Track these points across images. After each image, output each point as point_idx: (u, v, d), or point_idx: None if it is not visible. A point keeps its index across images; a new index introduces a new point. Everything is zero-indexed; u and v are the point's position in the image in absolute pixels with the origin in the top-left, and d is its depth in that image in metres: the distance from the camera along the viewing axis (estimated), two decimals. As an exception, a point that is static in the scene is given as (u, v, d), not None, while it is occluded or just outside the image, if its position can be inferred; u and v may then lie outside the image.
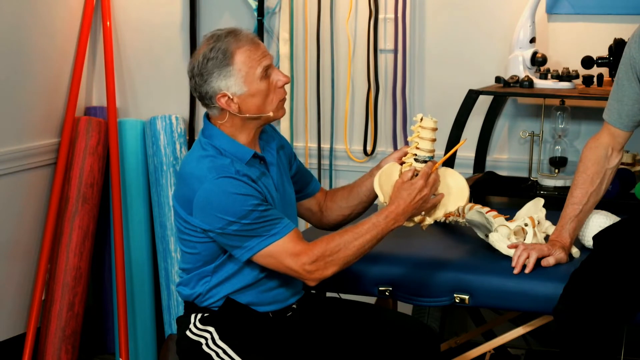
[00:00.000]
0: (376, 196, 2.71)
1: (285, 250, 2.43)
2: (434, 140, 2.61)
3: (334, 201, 2.78)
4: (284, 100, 2.54)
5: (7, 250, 3.72)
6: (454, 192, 2.68)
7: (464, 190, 2.69)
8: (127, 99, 4.11)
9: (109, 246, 4.01)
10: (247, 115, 2.49)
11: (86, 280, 3.88)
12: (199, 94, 2.50)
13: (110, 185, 3.92)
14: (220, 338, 2.48)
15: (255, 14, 3.81)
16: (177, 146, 3.88)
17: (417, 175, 2.57)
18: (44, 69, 3.80)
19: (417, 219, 2.63)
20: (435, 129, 2.61)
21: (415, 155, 2.61)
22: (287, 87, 3.79)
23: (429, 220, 2.65)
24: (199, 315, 2.54)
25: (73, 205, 3.82)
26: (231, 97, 2.47)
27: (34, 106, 3.77)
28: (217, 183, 2.41)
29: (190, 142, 4.01)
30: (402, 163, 2.65)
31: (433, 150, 2.62)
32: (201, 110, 4.01)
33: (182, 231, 2.52)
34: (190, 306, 2.57)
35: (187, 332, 2.53)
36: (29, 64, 3.74)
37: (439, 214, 2.67)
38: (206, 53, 2.46)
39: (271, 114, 2.51)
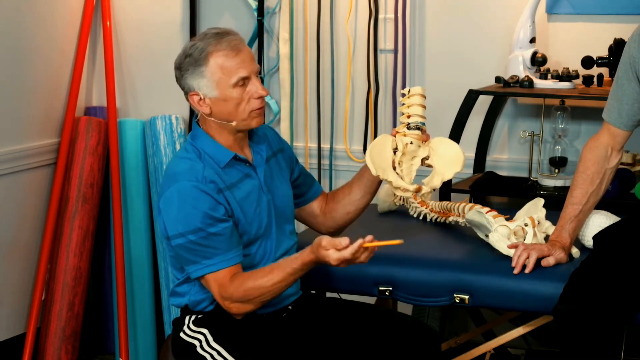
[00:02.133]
0: (377, 187, 2.70)
1: (215, 280, 2.44)
2: (423, 106, 2.58)
3: (336, 201, 2.77)
4: (259, 110, 2.51)
5: (7, 250, 3.72)
6: (448, 159, 2.64)
7: (459, 156, 2.64)
8: (127, 99, 4.11)
9: (109, 246, 4.01)
10: (216, 119, 2.49)
11: (86, 280, 3.88)
12: (180, 87, 2.53)
13: (110, 185, 3.92)
14: (215, 340, 2.48)
15: (255, 14, 3.81)
16: (177, 146, 3.88)
17: (411, 143, 2.54)
18: (44, 69, 3.80)
19: (412, 187, 2.57)
20: (423, 96, 2.58)
21: (408, 124, 2.57)
22: (286, 91, 3.80)
23: (425, 189, 2.59)
24: (193, 317, 2.54)
25: (73, 205, 3.82)
26: (202, 97, 2.47)
27: (34, 106, 3.77)
28: (181, 188, 2.42)
29: (190, 142, 4.01)
30: (396, 134, 2.62)
31: (424, 117, 2.58)
32: (201, 110, 4.02)
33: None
34: (185, 310, 2.57)
35: (181, 334, 2.53)
36: (29, 63, 3.74)
37: (436, 183, 2.62)
38: (187, 49, 2.48)
39: (234, 123, 2.49)
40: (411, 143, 2.54)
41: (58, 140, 3.88)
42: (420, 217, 3.10)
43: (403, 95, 2.64)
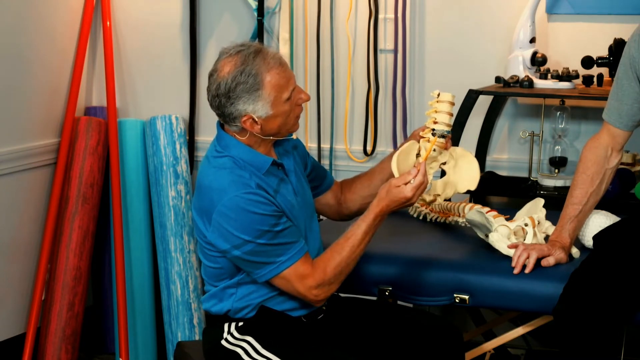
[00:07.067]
0: None
1: (294, 274, 2.43)
2: (451, 114, 2.62)
3: (353, 192, 2.78)
4: (299, 116, 2.54)
5: (7, 250, 3.72)
6: (465, 175, 2.72)
7: (475, 174, 2.71)
8: (127, 99, 4.11)
9: (109, 246, 4.01)
10: (264, 135, 2.48)
11: (86, 280, 3.88)
12: (222, 113, 2.47)
13: (110, 185, 3.92)
14: (264, 347, 2.46)
15: (255, 14, 3.81)
16: (177, 146, 3.88)
17: (434, 150, 2.60)
18: (44, 69, 3.80)
19: (428, 198, 2.72)
20: (452, 103, 2.63)
21: (433, 130, 2.61)
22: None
23: (440, 200, 2.73)
24: (234, 324, 2.52)
25: (73, 205, 3.82)
26: (256, 119, 2.44)
27: (34, 106, 3.77)
28: (236, 200, 2.39)
29: (190, 142, 4.01)
30: (419, 139, 2.66)
31: (451, 125, 2.63)
32: (201, 111, 4.01)
33: (202, 245, 2.50)
34: (222, 317, 2.55)
35: (223, 342, 2.50)
36: (29, 64, 3.74)
37: (449, 194, 2.74)
38: (236, 76, 2.41)
39: (281, 134, 2.51)
40: (434, 150, 2.59)
41: (58, 141, 3.88)
42: (420, 217, 3.10)
43: (432, 97, 2.67)
